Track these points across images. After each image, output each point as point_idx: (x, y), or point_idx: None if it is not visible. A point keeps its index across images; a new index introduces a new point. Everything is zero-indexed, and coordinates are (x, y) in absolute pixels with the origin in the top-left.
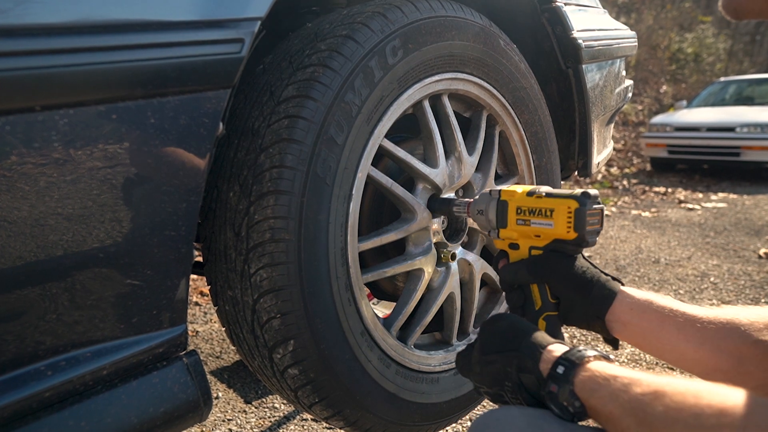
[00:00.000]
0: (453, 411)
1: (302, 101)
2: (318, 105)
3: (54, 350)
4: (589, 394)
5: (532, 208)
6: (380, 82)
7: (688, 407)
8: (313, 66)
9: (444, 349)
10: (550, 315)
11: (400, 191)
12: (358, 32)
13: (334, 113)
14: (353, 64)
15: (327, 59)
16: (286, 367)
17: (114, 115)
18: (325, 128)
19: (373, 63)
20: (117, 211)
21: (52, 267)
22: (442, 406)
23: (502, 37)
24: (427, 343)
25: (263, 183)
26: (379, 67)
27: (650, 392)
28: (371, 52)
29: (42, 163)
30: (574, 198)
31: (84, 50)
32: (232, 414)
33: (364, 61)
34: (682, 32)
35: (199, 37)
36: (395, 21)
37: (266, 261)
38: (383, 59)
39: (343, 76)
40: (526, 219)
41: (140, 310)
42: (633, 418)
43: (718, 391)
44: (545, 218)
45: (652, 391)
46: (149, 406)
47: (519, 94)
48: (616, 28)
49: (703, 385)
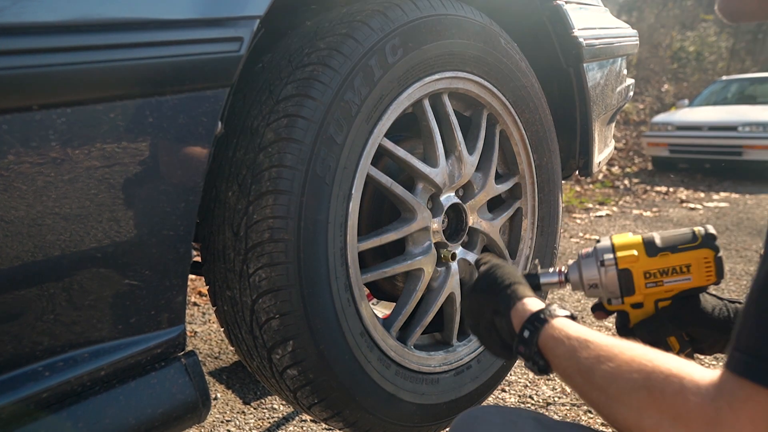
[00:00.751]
0: (453, 412)
1: (301, 100)
2: (317, 104)
3: (52, 351)
4: (551, 353)
5: (663, 269)
6: (380, 81)
7: (633, 370)
8: (313, 65)
9: (444, 349)
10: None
11: (400, 191)
12: (357, 31)
13: (333, 112)
14: (353, 63)
15: (326, 58)
16: (285, 368)
17: (112, 114)
18: (325, 127)
19: (372, 62)
20: (115, 211)
21: (49, 267)
22: (442, 407)
23: (503, 35)
24: (427, 343)
25: (262, 182)
26: (378, 65)
27: (594, 356)
28: (371, 50)
29: (39, 163)
30: (707, 246)
31: (82, 49)
32: (231, 415)
33: (363, 59)
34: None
35: (198, 35)
36: (395, 19)
37: (265, 261)
38: (383, 58)
39: (343, 75)
40: (657, 281)
41: (138, 311)
42: (581, 377)
43: (662, 355)
44: (681, 275)
45: (596, 355)
46: (147, 407)
47: (519, 92)
48: (618, 26)
49: (652, 351)
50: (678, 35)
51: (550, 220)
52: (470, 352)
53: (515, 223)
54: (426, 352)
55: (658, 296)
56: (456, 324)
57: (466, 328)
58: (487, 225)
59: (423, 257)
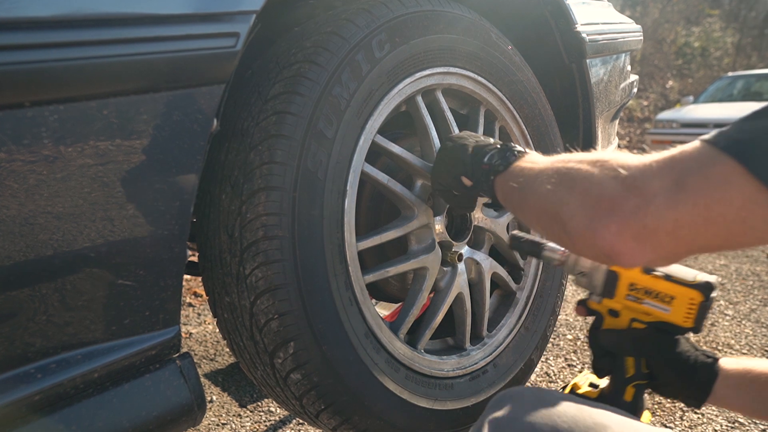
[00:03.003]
0: (471, 419)
1: (289, 97)
2: (305, 100)
3: (44, 352)
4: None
5: (648, 288)
6: (368, 76)
7: None
8: (299, 63)
9: (457, 354)
10: (639, 384)
11: (398, 188)
12: (343, 28)
13: (322, 107)
14: (339, 59)
15: (312, 55)
16: (288, 372)
17: (105, 111)
18: (314, 122)
19: (359, 57)
20: (108, 210)
21: (41, 267)
22: (458, 413)
23: (494, 30)
24: (440, 348)
25: (254, 180)
26: (366, 60)
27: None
28: (357, 46)
29: (31, 161)
30: (698, 289)
31: (74, 45)
32: (227, 418)
33: (350, 55)
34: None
35: (193, 30)
36: (380, 16)
37: (260, 260)
38: (370, 53)
39: (330, 71)
40: (638, 297)
41: (132, 312)
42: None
43: None
44: (662, 302)
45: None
46: (141, 410)
47: (516, 87)
48: (621, 21)
49: None
50: (683, 30)
51: None
52: (485, 356)
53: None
54: (438, 357)
55: (635, 315)
56: (468, 327)
57: (479, 331)
58: (493, 223)
59: (426, 255)
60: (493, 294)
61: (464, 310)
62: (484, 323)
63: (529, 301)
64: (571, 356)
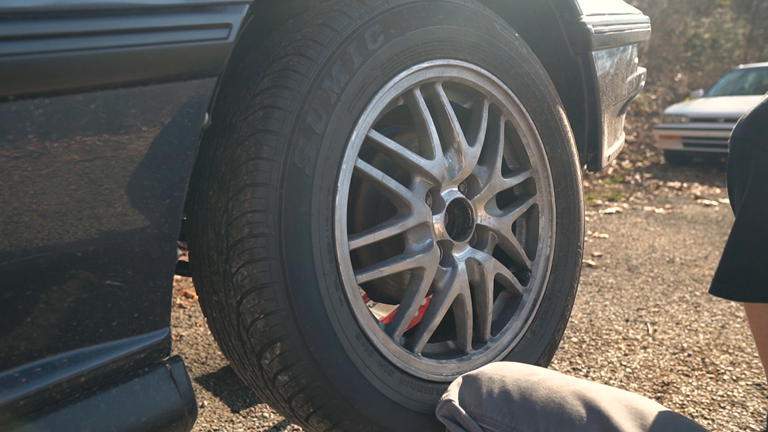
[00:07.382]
0: None
1: (277, 91)
2: (293, 94)
3: (28, 356)
4: None
5: None
6: (360, 69)
7: None
8: (288, 56)
9: (457, 358)
10: None
11: (393, 184)
12: (334, 20)
13: (310, 101)
14: (330, 52)
15: (302, 48)
16: (275, 374)
17: (93, 105)
18: (302, 117)
19: (351, 49)
20: (96, 208)
21: (25, 267)
22: None
23: (498, 20)
24: (439, 351)
25: (240, 177)
26: (358, 53)
27: None
28: (349, 38)
29: (16, 156)
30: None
31: (60, 36)
32: (219, 424)
33: (341, 47)
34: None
35: (184, 21)
36: (375, 7)
37: (246, 258)
38: (362, 45)
39: (320, 64)
40: None
41: (120, 313)
42: None
43: None
44: None
45: None
46: (130, 416)
47: (522, 80)
48: (629, 12)
49: None
50: (692, 21)
51: (570, 217)
52: (488, 360)
53: (532, 221)
54: (437, 360)
55: None
56: (469, 330)
57: (482, 334)
58: (497, 222)
59: (423, 255)
60: (498, 296)
61: (465, 312)
62: (487, 326)
63: (536, 303)
64: (576, 360)
